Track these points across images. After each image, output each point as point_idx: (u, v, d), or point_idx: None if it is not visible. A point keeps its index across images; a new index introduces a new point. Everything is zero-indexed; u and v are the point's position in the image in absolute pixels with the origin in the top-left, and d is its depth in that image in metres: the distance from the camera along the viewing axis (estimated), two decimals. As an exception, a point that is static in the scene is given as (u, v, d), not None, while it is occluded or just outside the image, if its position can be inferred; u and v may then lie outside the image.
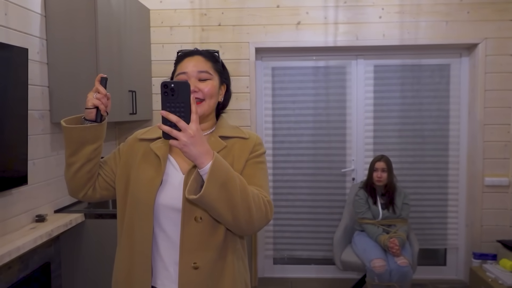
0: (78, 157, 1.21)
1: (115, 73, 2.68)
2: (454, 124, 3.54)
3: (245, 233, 1.17)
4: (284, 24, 3.31)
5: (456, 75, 3.51)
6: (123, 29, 2.79)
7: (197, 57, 1.25)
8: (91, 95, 1.17)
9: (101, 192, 1.31)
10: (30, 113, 2.31)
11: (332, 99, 3.59)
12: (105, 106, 1.19)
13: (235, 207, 1.07)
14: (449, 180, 3.57)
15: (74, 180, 1.25)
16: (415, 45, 3.34)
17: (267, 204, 1.16)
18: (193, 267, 1.17)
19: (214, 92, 1.24)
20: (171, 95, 1.04)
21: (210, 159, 1.04)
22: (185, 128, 1.02)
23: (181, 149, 1.03)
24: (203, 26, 3.32)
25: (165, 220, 1.20)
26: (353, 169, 3.60)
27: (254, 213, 1.11)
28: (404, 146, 3.56)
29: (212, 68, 1.25)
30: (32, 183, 2.35)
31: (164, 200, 1.20)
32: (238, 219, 1.09)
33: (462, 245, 3.60)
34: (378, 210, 3.05)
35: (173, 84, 1.04)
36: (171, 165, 1.24)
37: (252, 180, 1.20)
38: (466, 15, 3.29)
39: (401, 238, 2.91)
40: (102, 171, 1.30)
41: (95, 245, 2.61)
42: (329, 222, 3.65)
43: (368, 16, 3.30)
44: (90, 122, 1.20)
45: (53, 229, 2.30)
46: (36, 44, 2.40)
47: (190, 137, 1.02)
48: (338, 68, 3.57)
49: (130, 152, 1.29)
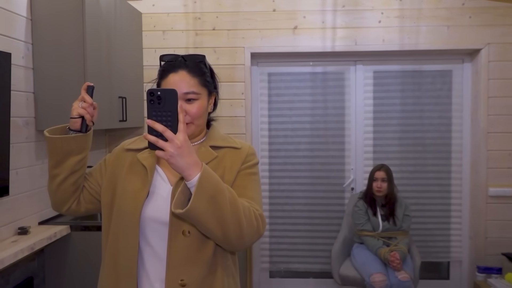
0: (62, 169, 1.18)
1: (105, 79, 2.60)
2: (457, 132, 3.45)
3: (236, 248, 1.13)
4: (280, 29, 3.23)
5: (458, 81, 3.43)
6: (113, 33, 2.72)
7: (181, 72, 1.17)
8: (77, 104, 1.15)
9: (86, 205, 1.27)
10: (14, 120, 2.22)
11: (330, 106, 3.50)
12: (91, 115, 1.17)
13: (224, 221, 1.04)
14: (451, 190, 3.47)
15: (58, 193, 1.22)
16: (416, 50, 3.26)
17: (259, 218, 1.13)
18: (180, 284, 1.12)
19: (202, 112, 1.19)
20: (157, 103, 1.01)
21: (198, 171, 1.02)
22: (171, 138, 0.99)
23: (168, 160, 1.00)
24: (197, 31, 3.24)
25: (151, 234, 1.16)
26: (352, 179, 3.51)
27: (244, 228, 1.07)
28: (404, 154, 3.47)
29: (199, 84, 1.19)
30: (15, 193, 2.26)
31: (150, 213, 1.16)
32: (228, 234, 1.06)
33: (466, 258, 3.49)
34: (378, 221, 2.95)
35: (160, 91, 1.01)
36: (159, 176, 1.21)
37: (243, 192, 1.17)
38: (468, 19, 3.21)
39: (402, 251, 2.80)
40: (87, 183, 1.27)
41: (81, 259, 2.51)
42: (327, 233, 3.53)
43: (367, 20, 3.23)
44: (75, 132, 1.18)
45: (36, 243, 2.20)
46: (21, 48, 2.33)
47: (177, 148, 0.99)
48: (336, 74, 3.48)
49: (116, 163, 1.26)
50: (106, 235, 1.23)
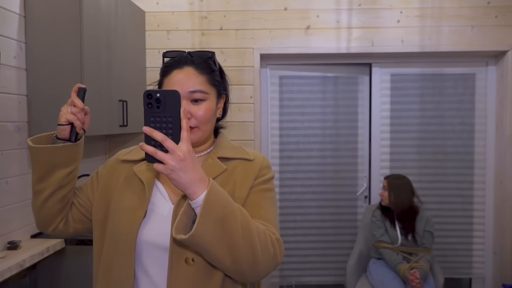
0: (48, 184, 1.04)
1: (103, 81, 2.48)
2: (480, 140, 3.30)
3: (248, 280, 0.99)
4: (292, 29, 3.07)
5: (482, 85, 3.28)
6: (113, 33, 2.58)
7: (187, 69, 1.05)
8: (65, 108, 1.02)
9: (74, 225, 1.14)
10: (3, 125, 2.08)
11: (345, 111, 3.34)
12: (82, 122, 1.03)
13: (235, 248, 0.90)
14: (474, 202, 3.32)
15: (42, 211, 1.08)
16: (437, 52, 3.10)
17: (276, 243, 0.98)
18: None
19: (210, 115, 1.06)
20: (156, 107, 0.87)
21: (205, 188, 0.88)
22: (173, 148, 0.85)
23: (168, 176, 0.86)
24: (203, 30, 3.08)
25: (149, 261, 1.03)
26: (365, 187, 3.39)
27: (259, 256, 0.93)
28: (424, 163, 3.31)
29: (207, 82, 1.06)
30: (4, 204, 2.12)
31: (148, 236, 1.02)
32: (239, 263, 0.92)
33: (489, 274, 3.33)
34: (396, 234, 2.77)
35: (159, 93, 0.87)
36: (158, 192, 1.07)
37: (257, 211, 1.02)
38: (494, 19, 3.04)
39: (423, 269, 2.62)
40: (76, 199, 1.13)
41: (76, 275, 2.37)
42: (340, 243, 3.41)
43: (385, 20, 3.07)
44: (62, 141, 1.04)
45: (26, 259, 2.06)
46: (13, 47, 2.19)
47: (179, 161, 0.85)
48: (351, 78, 3.34)
49: (110, 175, 1.12)
50: (98, 260, 1.09)
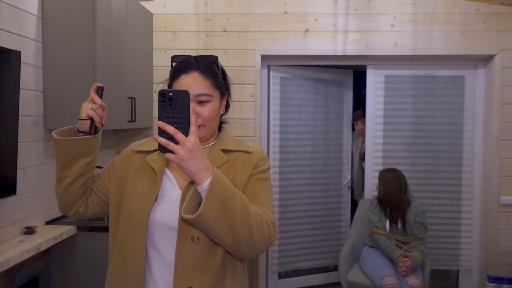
0: (70, 171, 1.16)
1: (114, 79, 2.60)
2: (468, 139, 3.41)
3: (246, 256, 1.11)
4: (291, 31, 3.21)
5: (471, 87, 3.39)
6: (123, 33, 2.71)
7: (193, 74, 1.15)
8: (86, 105, 1.13)
9: (93, 208, 1.25)
10: (22, 118, 2.21)
11: (338, 111, 3.51)
12: (100, 117, 1.14)
13: (235, 228, 1.01)
14: (462, 198, 3.43)
15: (65, 196, 1.19)
16: (429, 55, 3.22)
17: (271, 225, 1.10)
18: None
19: (214, 114, 1.17)
20: (169, 104, 0.98)
21: (209, 175, 0.99)
22: (183, 141, 0.96)
23: (178, 164, 0.97)
24: (208, 32, 3.22)
25: (159, 239, 1.14)
26: (349, 179, 3.79)
27: (256, 235, 1.05)
28: (415, 160, 3.43)
29: (211, 86, 1.16)
30: (22, 192, 2.24)
31: (159, 218, 1.13)
32: (238, 241, 1.03)
33: (476, 267, 3.44)
34: (385, 221, 2.93)
35: (171, 92, 0.98)
36: (168, 179, 1.18)
37: (254, 197, 1.14)
38: (483, 25, 3.17)
39: (416, 260, 2.76)
40: (95, 186, 1.25)
41: (87, 260, 2.49)
42: (328, 230, 3.72)
43: (379, 24, 3.20)
44: (83, 134, 1.15)
45: (42, 243, 2.19)
46: (31, 47, 2.32)
47: (188, 151, 0.96)
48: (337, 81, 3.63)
49: (125, 165, 1.23)
50: (113, 238, 1.20)
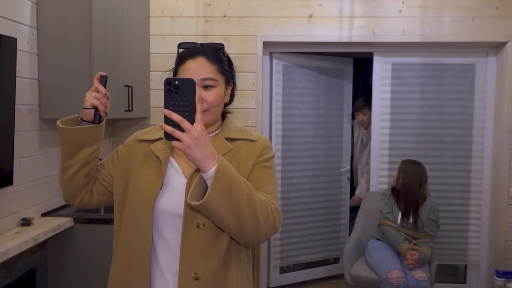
0: (75, 160, 1.18)
1: (111, 66, 2.56)
2: (478, 130, 3.35)
3: (251, 242, 1.14)
4: (295, 17, 3.12)
5: (482, 76, 3.32)
6: (120, 19, 2.65)
7: (200, 59, 1.17)
8: (90, 94, 1.14)
9: (98, 197, 1.27)
10: (18, 107, 2.17)
11: (338, 101, 3.47)
12: (105, 106, 1.16)
13: (240, 215, 1.03)
14: (471, 191, 3.38)
15: (70, 185, 1.21)
16: (438, 42, 3.15)
17: (275, 212, 1.12)
18: (194, 277, 1.13)
19: (219, 100, 1.19)
20: (174, 93, 1.00)
21: (215, 162, 1.01)
22: (188, 128, 0.98)
23: (184, 151, 0.99)
24: (207, 17, 3.13)
25: (165, 227, 1.16)
26: (348, 168, 3.78)
27: (260, 222, 1.07)
28: (422, 152, 3.38)
29: (217, 71, 1.19)
30: (18, 183, 2.22)
31: (164, 205, 1.16)
32: (243, 228, 1.06)
33: (484, 261, 3.40)
34: (397, 214, 2.87)
35: (177, 81, 1.00)
36: (173, 167, 1.20)
37: (259, 185, 1.16)
38: (495, 10, 3.08)
39: (424, 254, 2.71)
40: (99, 175, 1.27)
41: (84, 252, 2.50)
42: (329, 222, 3.71)
43: (386, 10, 3.11)
44: (87, 123, 1.17)
45: (40, 234, 2.20)
46: (26, 33, 2.28)
47: (194, 139, 0.98)
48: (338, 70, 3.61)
49: (129, 154, 1.25)
50: (118, 227, 1.22)
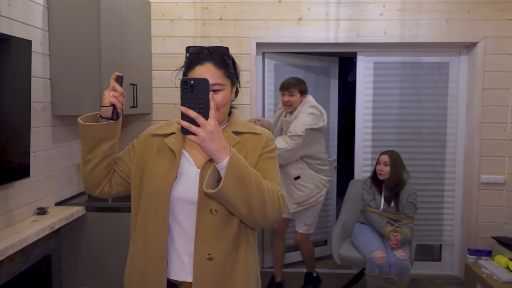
0: (95, 154, 1.24)
1: (117, 66, 2.68)
2: (452, 122, 3.57)
3: (259, 225, 1.21)
4: (285, 20, 3.31)
5: (455, 73, 3.54)
6: (125, 22, 2.78)
7: (207, 65, 1.23)
8: (108, 93, 1.20)
9: (117, 188, 1.33)
10: (33, 105, 2.30)
11: (325, 97, 3.62)
12: (121, 104, 1.22)
13: (250, 200, 1.11)
14: (445, 177, 3.61)
15: (91, 177, 1.27)
16: (415, 42, 3.36)
17: (280, 198, 1.20)
18: (208, 258, 1.20)
19: (226, 100, 1.26)
20: (190, 91, 1.07)
21: (228, 154, 1.08)
22: (203, 124, 1.05)
23: (200, 144, 1.06)
24: (204, 20, 3.30)
25: (180, 213, 1.24)
26: (335, 158, 3.94)
27: (268, 207, 1.15)
28: (402, 142, 3.60)
29: (224, 76, 1.24)
30: (34, 175, 2.35)
31: (179, 193, 1.23)
32: (253, 212, 1.14)
33: (457, 241, 3.64)
34: (380, 200, 3.07)
35: (193, 81, 1.07)
36: (185, 159, 1.27)
37: (265, 174, 1.23)
38: (467, 13, 3.31)
39: (405, 235, 2.92)
40: (117, 167, 1.33)
41: (96, 238, 2.61)
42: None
43: (369, 13, 3.31)
44: (106, 120, 1.23)
45: (55, 222, 2.31)
46: (39, 36, 2.39)
47: (209, 133, 1.05)
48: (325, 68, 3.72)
49: (144, 147, 1.31)
50: (135, 214, 1.29)
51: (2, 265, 2.01)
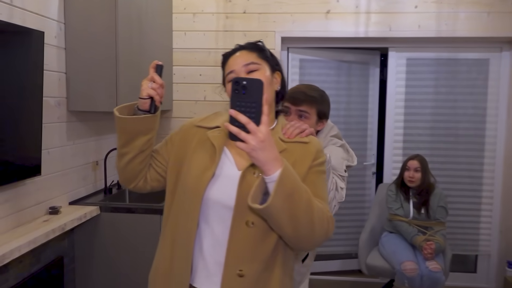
0: (131, 148, 1.18)
1: (135, 60, 2.61)
2: (491, 124, 3.36)
3: (303, 248, 1.11)
4: (312, 13, 3.17)
5: (496, 70, 3.33)
6: (144, 15, 2.70)
7: (240, 52, 1.19)
8: (146, 84, 1.13)
9: (151, 183, 1.27)
10: (46, 100, 2.23)
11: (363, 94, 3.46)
12: (160, 96, 1.14)
13: (297, 220, 1.01)
14: (483, 183, 3.41)
15: (126, 171, 1.22)
16: (453, 37, 3.16)
17: (330, 220, 1.09)
18: (238, 274, 1.10)
19: (267, 80, 1.15)
20: (242, 93, 0.98)
21: (279, 167, 0.98)
22: (254, 130, 0.95)
23: (249, 153, 0.97)
24: (227, 13, 3.19)
25: (213, 217, 1.14)
26: (373, 163, 3.66)
27: (316, 229, 1.05)
28: (436, 145, 3.41)
29: (258, 57, 1.18)
30: (46, 173, 2.28)
31: (215, 195, 1.13)
32: (298, 233, 1.04)
33: (495, 252, 3.44)
34: (409, 208, 2.90)
35: (245, 81, 0.98)
36: (226, 158, 1.17)
37: (314, 190, 1.11)
38: (510, 6, 3.09)
39: (439, 244, 2.76)
40: (153, 161, 1.26)
41: (110, 240, 2.54)
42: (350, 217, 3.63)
43: (402, 5, 3.14)
44: (143, 112, 1.15)
45: (67, 223, 2.24)
46: (54, 27, 2.32)
47: (260, 141, 0.95)
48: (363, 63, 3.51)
49: (184, 137, 1.24)
50: (168, 211, 1.22)
51: (10, 267, 1.94)
